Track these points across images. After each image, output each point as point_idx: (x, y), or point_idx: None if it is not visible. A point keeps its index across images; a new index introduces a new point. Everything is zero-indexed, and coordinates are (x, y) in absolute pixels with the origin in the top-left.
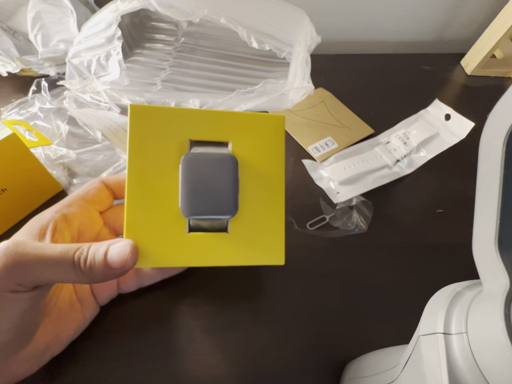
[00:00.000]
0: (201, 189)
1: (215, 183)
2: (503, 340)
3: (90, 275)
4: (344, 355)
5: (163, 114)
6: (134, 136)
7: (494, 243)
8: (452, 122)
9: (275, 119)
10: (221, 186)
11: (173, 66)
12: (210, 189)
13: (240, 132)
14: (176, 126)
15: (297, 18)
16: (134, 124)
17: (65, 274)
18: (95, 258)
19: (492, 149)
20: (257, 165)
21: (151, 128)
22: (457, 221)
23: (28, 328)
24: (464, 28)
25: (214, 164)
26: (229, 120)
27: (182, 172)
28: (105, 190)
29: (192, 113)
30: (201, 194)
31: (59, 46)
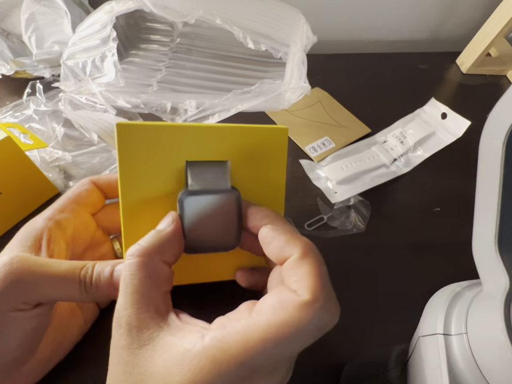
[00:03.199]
0: (201, 228)
1: (216, 221)
2: (503, 340)
3: (94, 294)
4: (344, 355)
5: (155, 132)
6: (124, 159)
7: (494, 243)
8: (448, 121)
9: (278, 132)
10: (223, 223)
11: (169, 67)
12: (211, 227)
13: (240, 147)
14: (170, 145)
15: (292, 18)
16: (123, 146)
17: (70, 293)
18: (100, 278)
19: (491, 149)
20: (257, 181)
21: (142, 148)
22: (455, 220)
23: (33, 343)
24: (459, 26)
25: (215, 201)
26: (227, 135)
27: (180, 210)
28: (96, 191)
29: (187, 130)
30: (202, 233)
31: (53, 47)
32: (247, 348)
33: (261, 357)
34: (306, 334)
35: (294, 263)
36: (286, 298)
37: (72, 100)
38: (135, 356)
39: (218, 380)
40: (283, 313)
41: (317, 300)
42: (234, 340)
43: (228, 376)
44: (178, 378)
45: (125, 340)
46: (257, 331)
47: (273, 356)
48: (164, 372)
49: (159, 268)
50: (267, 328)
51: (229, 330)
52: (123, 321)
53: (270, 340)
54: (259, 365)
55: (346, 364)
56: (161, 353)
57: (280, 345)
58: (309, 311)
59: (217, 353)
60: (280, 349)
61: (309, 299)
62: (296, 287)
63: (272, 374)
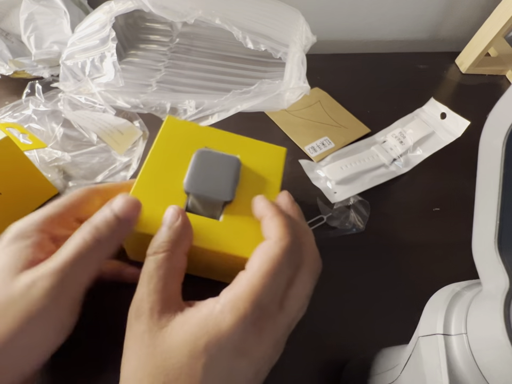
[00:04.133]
0: (205, 173)
1: (218, 171)
2: (503, 340)
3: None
4: (344, 355)
5: (189, 127)
6: (163, 137)
7: (493, 243)
8: (448, 121)
9: (277, 150)
10: (223, 175)
11: (168, 67)
12: (213, 175)
13: (247, 152)
14: (197, 137)
15: (292, 18)
16: (165, 129)
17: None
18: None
19: (491, 149)
20: (256, 180)
21: (177, 134)
22: (454, 219)
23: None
24: (459, 26)
25: (221, 159)
26: (239, 141)
27: (193, 159)
28: (98, 202)
29: (211, 131)
30: (205, 176)
31: (52, 47)
32: (253, 289)
33: (265, 293)
34: (287, 264)
35: (269, 219)
36: (264, 245)
37: (71, 100)
38: (156, 338)
39: (241, 325)
40: (265, 255)
41: (284, 238)
42: (243, 290)
43: (247, 318)
44: (205, 338)
45: (146, 324)
46: (255, 276)
47: (273, 289)
48: (188, 340)
49: (180, 260)
50: (260, 269)
51: (236, 288)
52: (146, 308)
53: (265, 274)
54: (268, 302)
55: (346, 363)
56: (180, 328)
57: (274, 276)
58: (282, 245)
59: (235, 304)
60: (274, 281)
61: (278, 238)
62: (270, 235)
63: (278, 315)
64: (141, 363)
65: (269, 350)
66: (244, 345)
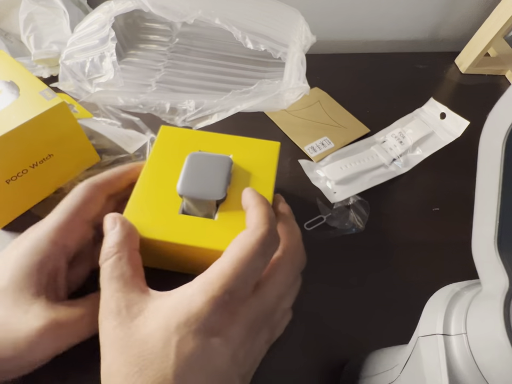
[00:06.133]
0: (197, 175)
1: (210, 172)
2: (503, 340)
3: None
4: (344, 355)
5: (183, 133)
6: (158, 147)
7: (493, 243)
8: (447, 121)
9: (270, 145)
10: (214, 175)
11: (168, 67)
12: (205, 176)
13: (241, 150)
14: (191, 142)
15: (291, 18)
16: (160, 139)
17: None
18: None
19: (491, 149)
20: (250, 176)
21: (172, 142)
22: (454, 219)
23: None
24: (458, 26)
25: (212, 159)
26: (232, 141)
27: (185, 163)
28: (101, 198)
29: (205, 135)
30: (196, 178)
31: (52, 47)
32: (223, 274)
33: (236, 277)
34: (258, 252)
35: (251, 209)
36: (241, 234)
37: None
38: (129, 328)
39: (211, 306)
40: (239, 243)
41: (261, 227)
42: (214, 275)
43: (216, 300)
44: (176, 318)
45: (116, 319)
46: (227, 262)
47: (244, 275)
48: (161, 323)
49: (132, 256)
50: (233, 256)
51: (208, 273)
52: (112, 306)
53: (236, 260)
54: (238, 287)
55: (346, 363)
56: (154, 315)
57: (245, 262)
58: (257, 234)
59: (205, 286)
60: (246, 267)
61: (255, 227)
62: (249, 224)
63: (250, 299)
64: (116, 355)
65: (243, 331)
66: (215, 325)
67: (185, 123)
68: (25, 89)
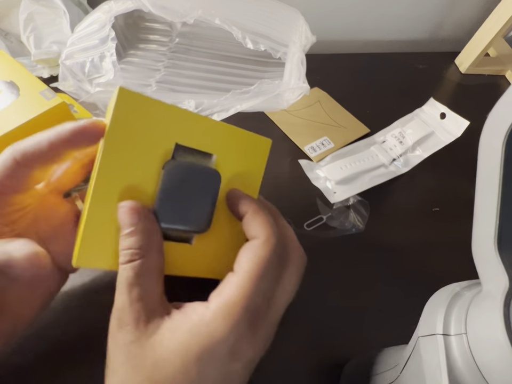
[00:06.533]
0: (179, 199)
1: (194, 195)
2: (503, 340)
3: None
4: (344, 355)
5: (154, 107)
6: (116, 124)
7: (493, 243)
8: (447, 121)
9: (262, 142)
10: (199, 200)
11: (168, 67)
12: (188, 200)
13: (227, 145)
14: (165, 124)
15: (291, 18)
16: (120, 110)
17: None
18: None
19: (491, 149)
20: (234, 182)
21: (137, 119)
22: (454, 219)
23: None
24: (458, 26)
25: (197, 175)
26: (218, 130)
27: (163, 177)
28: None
29: (184, 115)
30: (178, 204)
31: (52, 47)
32: (244, 293)
33: (257, 295)
34: (274, 264)
35: (251, 216)
36: (252, 246)
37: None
38: (144, 348)
39: (234, 331)
40: (254, 256)
41: (271, 238)
42: (234, 295)
43: (239, 323)
44: (198, 346)
45: (132, 334)
46: (245, 279)
47: (263, 290)
48: (180, 349)
49: (157, 261)
50: (249, 272)
51: (226, 292)
52: (130, 318)
53: (255, 277)
54: (259, 304)
55: (346, 364)
56: (171, 336)
57: (263, 278)
58: (268, 246)
59: (227, 310)
60: (264, 282)
61: (265, 238)
62: (255, 234)
63: (268, 313)
64: (129, 374)
65: (261, 348)
66: (238, 350)
67: None
68: (25, 89)
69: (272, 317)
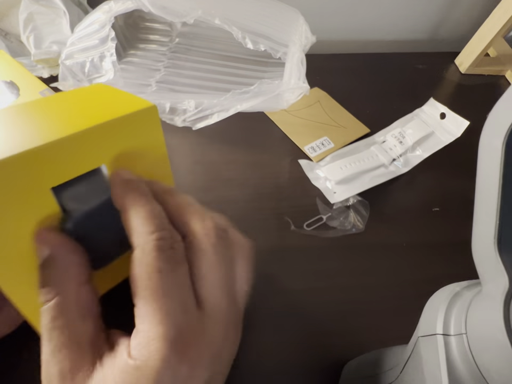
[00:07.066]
0: (100, 240)
1: (112, 227)
2: (502, 340)
3: None
4: (344, 355)
5: (10, 165)
6: None
7: (493, 243)
8: (447, 121)
9: (145, 114)
10: (119, 226)
11: (168, 67)
12: (110, 234)
13: (113, 144)
14: (32, 176)
15: (291, 18)
16: None
17: None
18: None
19: (491, 149)
20: (141, 167)
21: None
22: (454, 219)
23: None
24: (458, 26)
25: (103, 212)
26: (96, 137)
27: (75, 236)
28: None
29: (48, 149)
30: (103, 243)
31: (52, 47)
32: (154, 321)
33: (172, 314)
34: (164, 264)
35: (126, 215)
36: (133, 259)
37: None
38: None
39: (164, 371)
40: (140, 273)
41: (151, 234)
42: (146, 331)
43: (167, 357)
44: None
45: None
46: (145, 303)
47: (178, 303)
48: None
49: (81, 295)
50: (145, 293)
51: (140, 329)
52: (55, 370)
53: (155, 300)
54: (181, 323)
55: (345, 364)
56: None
57: (164, 293)
58: (149, 249)
59: (148, 349)
60: (170, 295)
61: (143, 242)
62: (136, 241)
63: (201, 321)
64: None
65: (209, 356)
66: (176, 380)
67: (185, 123)
68: (25, 89)
69: (209, 321)
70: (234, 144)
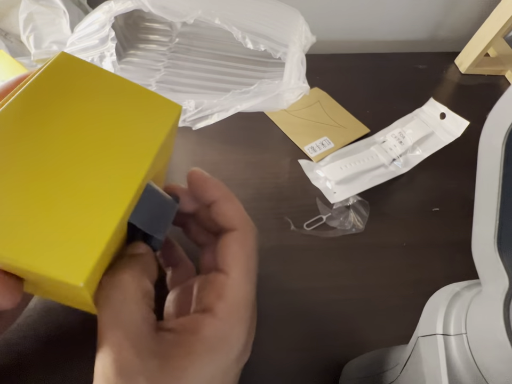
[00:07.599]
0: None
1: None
2: (502, 340)
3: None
4: (343, 355)
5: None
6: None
7: (493, 243)
8: (447, 121)
9: (178, 116)
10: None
11: (168, 67)
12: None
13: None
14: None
15: (291, 18)
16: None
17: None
18: None
19: (491, 149)
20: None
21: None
22: (454, 219)
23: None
24: (458, 26)
25: (162, 204)
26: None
27: (143, 196)
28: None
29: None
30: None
31: (52, 47)
32: (244, 292)
33: (251, 290)
34: (256, 252)
35: (223, 204)
36: (235, 239)
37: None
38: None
39: (243, 337)
40: (242, 251)
41: (248, 226)
42: (236, 295)
43: (247, 326)
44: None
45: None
46: (240, 276)
47: (255, 283)
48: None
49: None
50: (241, 268)
51: (227, 294)
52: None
53: (248, 273)
54: (253, 299)
55: (345, 364)
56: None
57: (254, 271)
58: (250, 236)
59: (237, 315)
60: (255, 275)
61: (245, 229)
62: (232, 224)
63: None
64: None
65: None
66: (243, 353)
67: (185, 123)
68: None
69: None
70: (234, 144)
